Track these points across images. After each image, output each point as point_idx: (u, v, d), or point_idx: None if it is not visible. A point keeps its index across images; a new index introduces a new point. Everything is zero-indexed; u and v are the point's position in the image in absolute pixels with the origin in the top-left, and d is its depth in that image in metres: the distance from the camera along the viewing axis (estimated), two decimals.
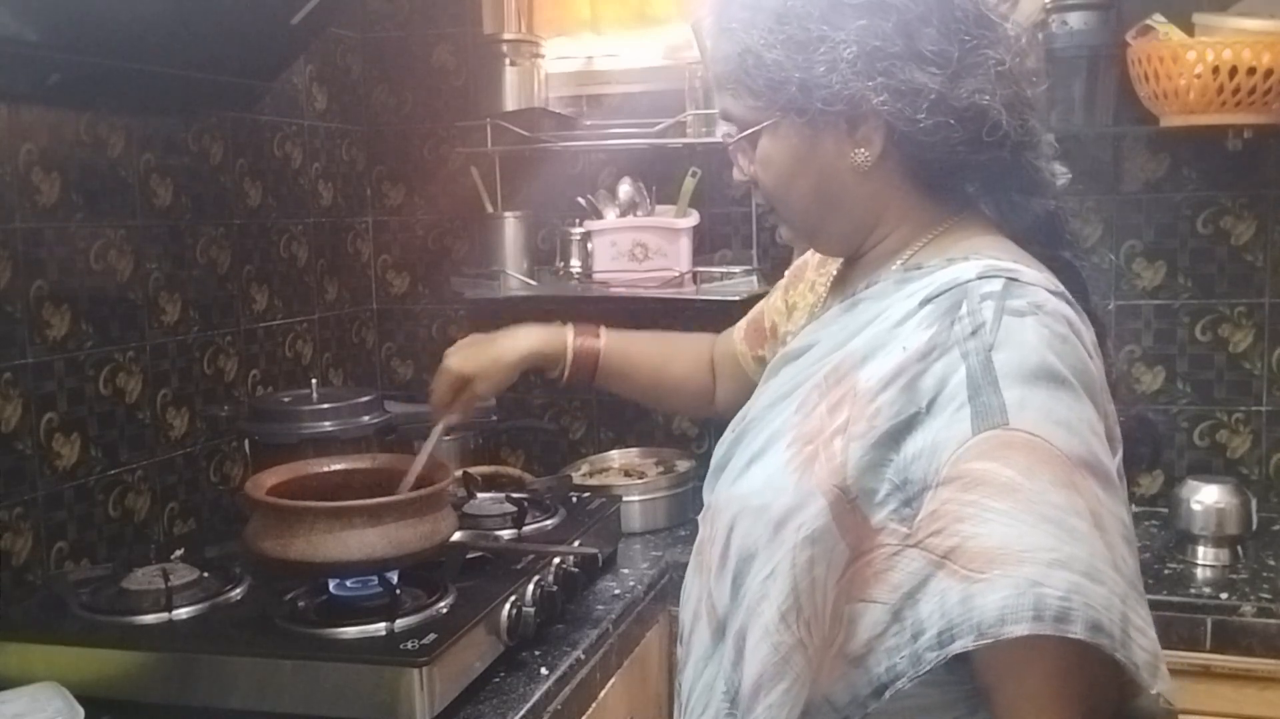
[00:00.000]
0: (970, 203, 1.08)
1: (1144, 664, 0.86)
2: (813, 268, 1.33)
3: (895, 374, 0.94)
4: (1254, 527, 1.95)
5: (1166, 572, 1.89)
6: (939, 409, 0.91)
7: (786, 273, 1.43)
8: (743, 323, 1.50)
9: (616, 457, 2.36)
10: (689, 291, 2.22)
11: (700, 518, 1.12)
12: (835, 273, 1.20)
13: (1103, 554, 0.85)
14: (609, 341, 1.53)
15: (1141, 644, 0.86)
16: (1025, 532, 0.84)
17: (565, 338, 1.52)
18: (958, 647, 0.84)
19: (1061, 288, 0.99)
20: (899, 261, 1.06)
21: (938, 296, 0.97)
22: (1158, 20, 1.99)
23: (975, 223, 1.07)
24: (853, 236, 1.09)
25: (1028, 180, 1.06)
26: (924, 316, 0.97)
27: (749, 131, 1.06)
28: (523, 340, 1.53)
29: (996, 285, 0.95)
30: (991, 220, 1.08)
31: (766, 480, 1.00)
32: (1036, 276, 0.98)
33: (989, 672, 0.91)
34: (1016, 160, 1.04)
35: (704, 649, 1.05)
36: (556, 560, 1.62)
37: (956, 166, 1.03)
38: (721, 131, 1.27)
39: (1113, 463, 0.93)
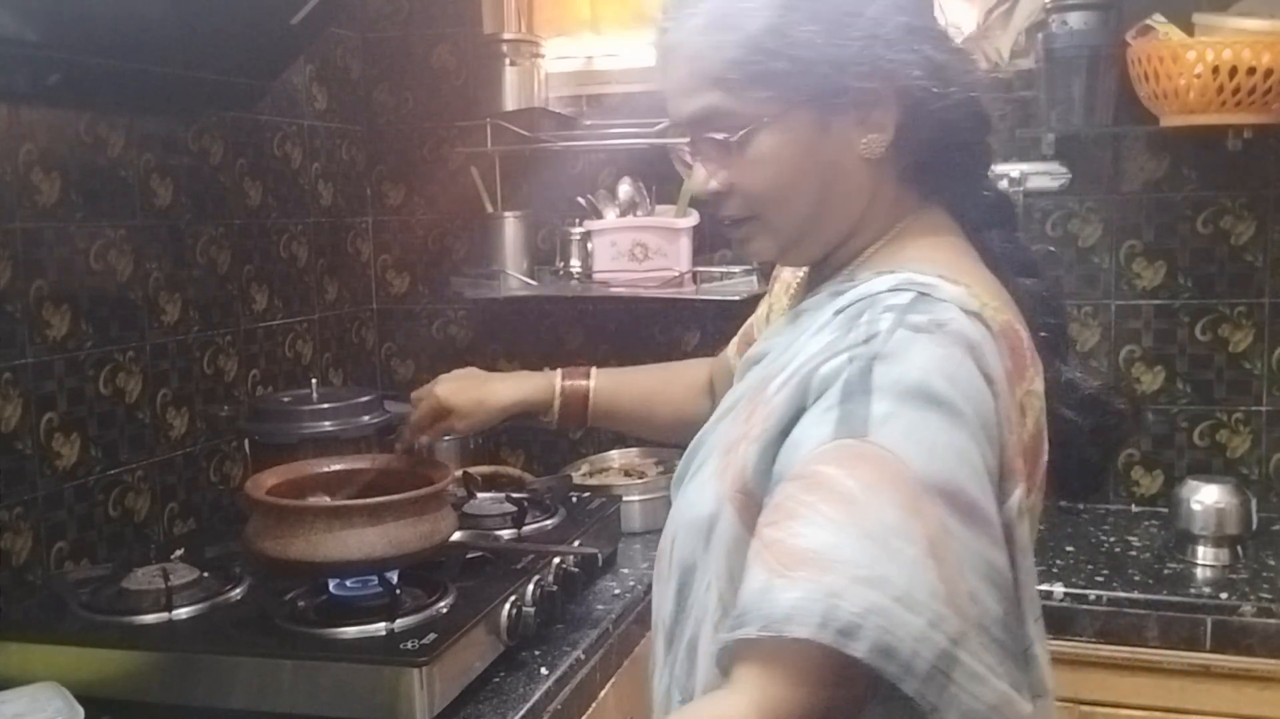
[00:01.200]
0: (935, 195, 1.05)
1: (968, 711, 0.81)
2: (789, 269, 1.30)
3: (790, 376, 0.93)
4: (1254, 526, 1.95)
5: (1166, 572, 1.89)
6: (814, 408, 0.89)
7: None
8: (735, 337, 1.48)
9: (616, 457, 2.35)
10: (689, 291, 2.22)
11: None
12: (804, 275, 1.17)
13: (929, 585, 0.80)
14: (599, 382, 1.51)
15: (974, 692, 0.81)
16: (845, 543, 0.81)
17: (553, 384, 1.51)
18: (741, 634, 0.82)
19: (984, 306, 0.93)
20: (846, 270, 1.03)
21: (849, 307, 0.95)
22: (1158, 20, 1.99)
23: (932, 219, 1.04)
24: (835, 239, 1.04)
25: (989, 163, 1.07)
26: (832, 325, 0.95)
27: (749, 128, 0.97)
28: (510, 390, 1.52)
29: (904, 299, 0.92)
30: (949, 213, 1.05)
31: (699, 491, 1.00)
32: (955, 293, 0.93)
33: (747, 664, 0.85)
34: (983, 138, 1.04)
35: (660, 658, 1.06)
36: (556, 560, 1.62)
37: (951, 148, 1.02)
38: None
39: (988, 498, 0.87)
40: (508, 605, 1.46)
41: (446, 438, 2.21)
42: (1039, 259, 1.07)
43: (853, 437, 0.85)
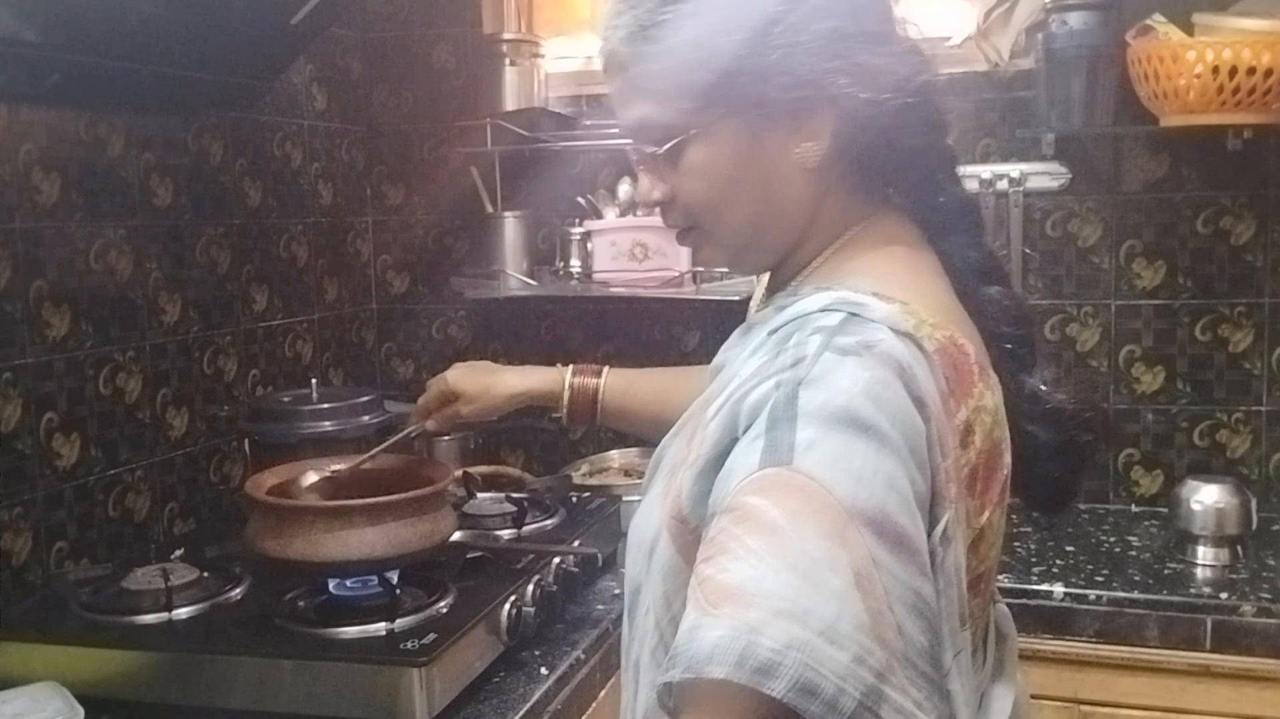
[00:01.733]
0: (885, 200, 1.02)
1: None
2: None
3: (724, 402, 0.90)
4: (1254, 526, 1.95)
5: (1166, 572, 1.89)
6: (744, 436, 0.86)
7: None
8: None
9: (616, 457, 2.36)
10: (689, 291, 2.22)
11: None
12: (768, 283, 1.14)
13: (855, 617, 0.76)
14: (611, 380, 1.50)
15: None
16: (767, 575, 0.77)
17: (562, 379, 1.51)
18: (670, 676, 0.77)
19: (919, 325, 0.90)
20: (795, 281, 1.01)
21: (782, 327, 0.92)
22: (1157, 20, 1.99)
23: (884, 227, 1.00)
24: (783, 248, 1.01)
25: (949, 167, 1.01)
26: (765, 347, 0.92)
27: (678, 140, 0.95)
28: (519, 380, 1.53)
29: (833, 319, 0.88)
30: (903, 220, 1.02)
31: (644, 513, 0.98)
32: (888, 312, 0.89)
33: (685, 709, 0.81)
34: (938, 142, 1.00)
35: (622, 676, 1.04)
36: (556, 560, 1.62)
37: (897, 153, 0.97)
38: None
39: (917, 526, 0.83)
40: (508, 605, 1.46)
41: (447, 438, 2.22)
42: (1003, 266, 1.04)
43: (778, 465, 0.81)
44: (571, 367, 1.52)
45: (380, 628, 1.36)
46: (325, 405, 1.83)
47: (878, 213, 1.00)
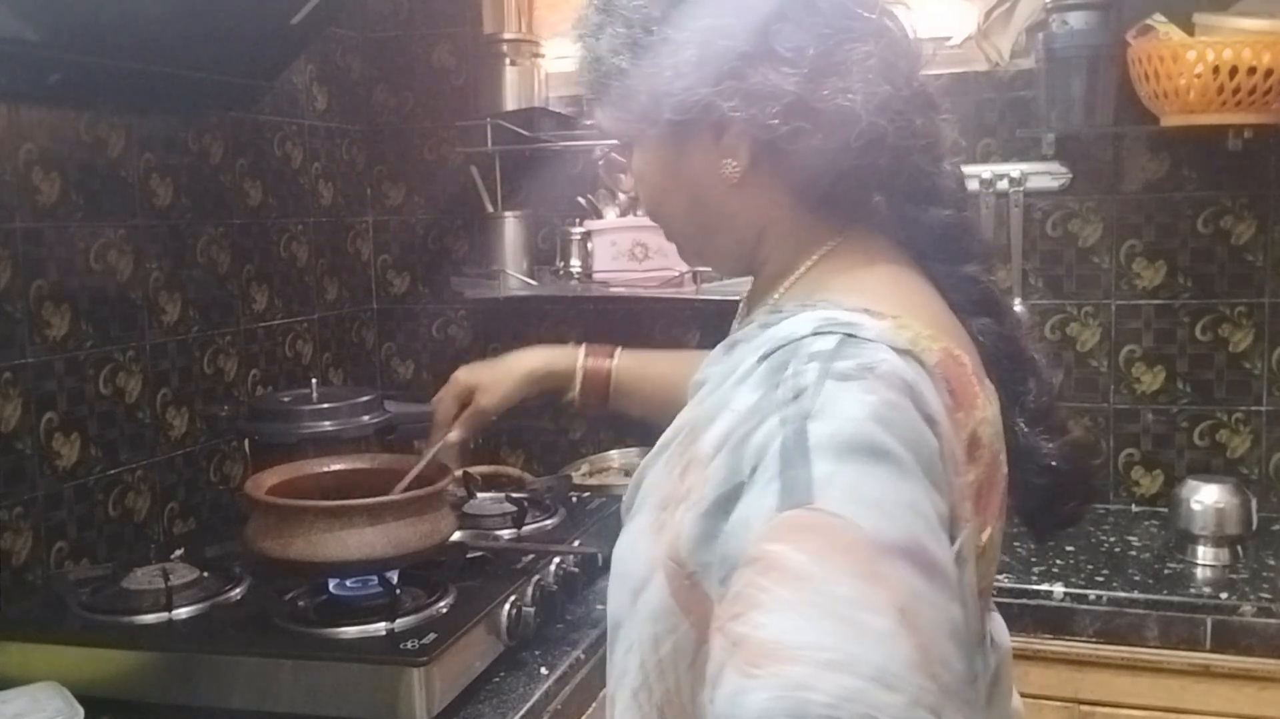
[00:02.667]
0: (864, 216, 0.99)
1: None
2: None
3: (723, 439, 0.85)
4: (1254, 526, 1.95)
5: (1166, 571, 1.89)
6: (755, 480, 0.81)
7: None
8: None
9: (616, 457, 2.36)
10: (689, 291, 2.22)
11: None
12: (747, 293, 1.12)
13: (905, 657, 0.72)
14: (623, 362, 1.48)
15: None
16: (805, 626, 0.72)
17: (575, 357, 1.49)
18: None
19: (915, 340, 0.87)
20: (773, 298, 0.98)
21: (773, 353, 0.88)
22: (1158, 20, 1.99)
23: (861, 245, 0.97)
24: (739, 256, 1.01)
25: (919, 188, 0.96)
26: (757, 376, 0.88)
27: (616, 144, 1.00)
28: (530, 357, 1.52)
29: (828, 344, 0.84)
30: (885, 237, 0.98)
31: (629, 545, 0.94)
32: (881, 329, 0.86)
33: None
34: (900, 166, 0.94)
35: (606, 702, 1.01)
36: (556, 560, 1.62)
37: (832, 176, 0.94)
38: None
39: (945, 549, 0.80)
40: (508, 605, 1.46)
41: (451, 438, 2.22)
42: (995, 293, 0.99)
43: (797, 506, 0.76)
44: (584, 346, 1.51)
45: (380, 628, 1.36)
46: (325, 405, 1.83)
47: (853, 230, 0.98)
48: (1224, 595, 1.77)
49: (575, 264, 2.31)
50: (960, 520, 0.84)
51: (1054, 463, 0.97)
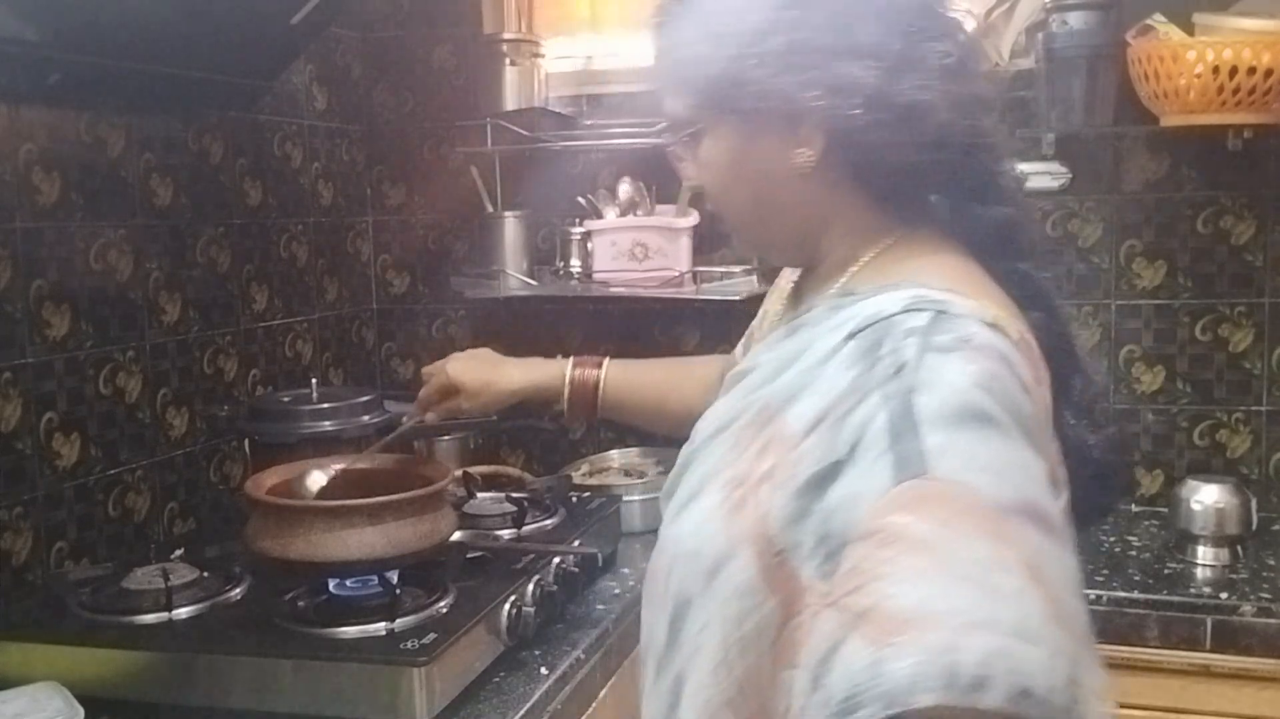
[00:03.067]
0: (923, 213, 1.01)
1: None
2: (786, 275, 1.25)
3: (819, 418, 0.88)
4: (1254, 526, 1.95)
5: (1166, 571, 1.89)
6: (859, 457, 0.83)
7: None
8: (743, 338, 1.47)
9: (616, 456, 2.35)
10: (689, 291, 2.22)
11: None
12: (795, 283, 1.14)
13: (1039, 612, 0.75)
14: (611, 372, 1.48)
15: (1096, 710, 0.76)
16: (941, 592, 0.75)
17: (563, 371, 1.49)
18: (862, 715, 0.75)
19: (1000, 315, 0.91)
20: (839, 283, 1.00)
21: (862, 331, 0.91)
22: (1158, 20, 1.99)
23: (924, 238, 1.00)
24: (801, 246, 1.03)
25: (981, 186, 0.99)
26: (847, 354, 0.90)
27: (688, 132, 1.01)
28: (520, 375, 1.51)
29: (922, 320, 0.88)
30: (944, 233, 1.01)
31: (699, 524, 0.95)
32: (970, 307, 0.90)
33: None
34: (967, 164, 0.97)
35: (649, 682, 1.02)
36: (556, 560, 1.62)
37: (903, 170, 0.96)
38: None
39: (1055, 505, 0.83)
40: (508, 605, 1.46)
41: (447, 438, 2.22)
42: (1048, 291, 1.01)
43: (915, 477, 0.79)
44: (572, 359, 1.51)
45: (380, 628, 1.36)
46: (325, 405, 1.83)
47: (915, 224, 1.00)
48: (1224, 595, 1.77)
49: (575, 264, 2.31)
50: (1059, 483, 0.87)
51: (1097, 454, 1.00)
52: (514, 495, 1.89)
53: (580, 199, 2.32)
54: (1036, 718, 0.72)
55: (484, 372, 1.52)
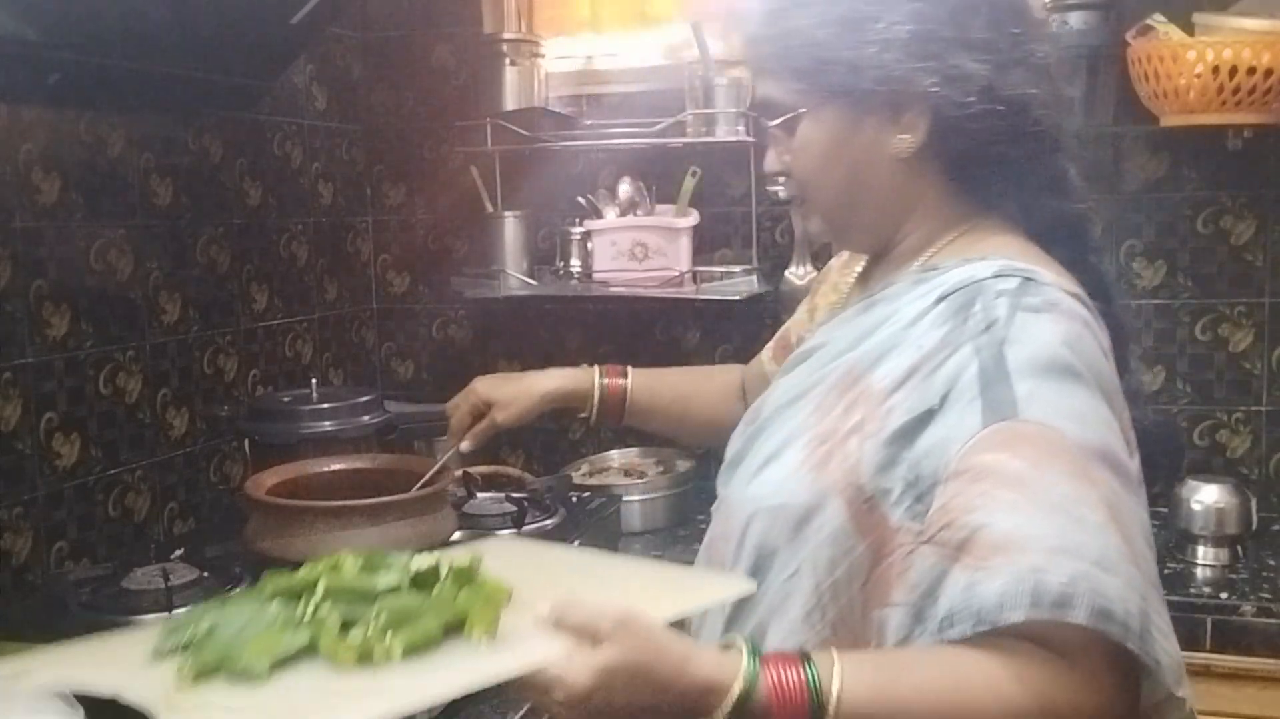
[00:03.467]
0: (995, 203, 1.07)
1: (1168, 667, 0.84)
2: (837, 270, 1.32)
3: (909, 372, 0.95)
4: (1254, 526, 1.95)
5: (1166, 571, 1.89)
6: (950, 404, 0.91)
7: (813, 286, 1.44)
8: (770, 343, 1.48)
9: (616, 456, 2.35)
10: (689, 291, 2.22)
11: (714, 510, 1.13)
12: (859, 272, 1.20)
13: (1117, 547, 0.84)
14: (636, 380, 1.50)
15: (1165, 648, 0.85)
16: (1030, 521, 0.83)
17: (592, 377, 1.50)
18: (954, 633, 0.84)
19: (1078, 290, 1.00)
20: (918, 262, 1.06)
21: (952, 294, 0.98)
22: (1158, 20, 1.99)
23: (996, 224, 1.06)
24: (881, 230, 1.09)
25: (1057, 182, 1.06)
26: (938, 314, 0.97)
27: (789, 115, 1.05)
28: (550, 379, 1.52)
29: (1012, 284, 0.96)
30: (1013, 220, 1.07)
31: (783, 481, 1.01)
32: (1053, 278, 0.98)
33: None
34: (1050, 159, 1.05)
35: (716, 638, 1.06)
36: None
37: (992, 160, 1.03)
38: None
39: (1131, 458, 0.92)
40: None
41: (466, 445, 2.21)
42: (1107, 282, 1.09)
43: (1005, 419, 0.88)
44: (598, 368, 1.51)
45: None
46: (325, 405, 1.83)
47: (987, 213, 1.06)
48: (1224, 595, 1.77)
49: (575, 264, 2.31)
50: (1132, 445, 0.96)
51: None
52: (514, 495, 1.89)
53: (580, 199, 2.32)
54: (1116, 637, 0.81)
55: (512, 383, 1.52)
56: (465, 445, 1.52)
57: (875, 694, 0.85)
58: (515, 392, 1.50)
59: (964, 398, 0.90)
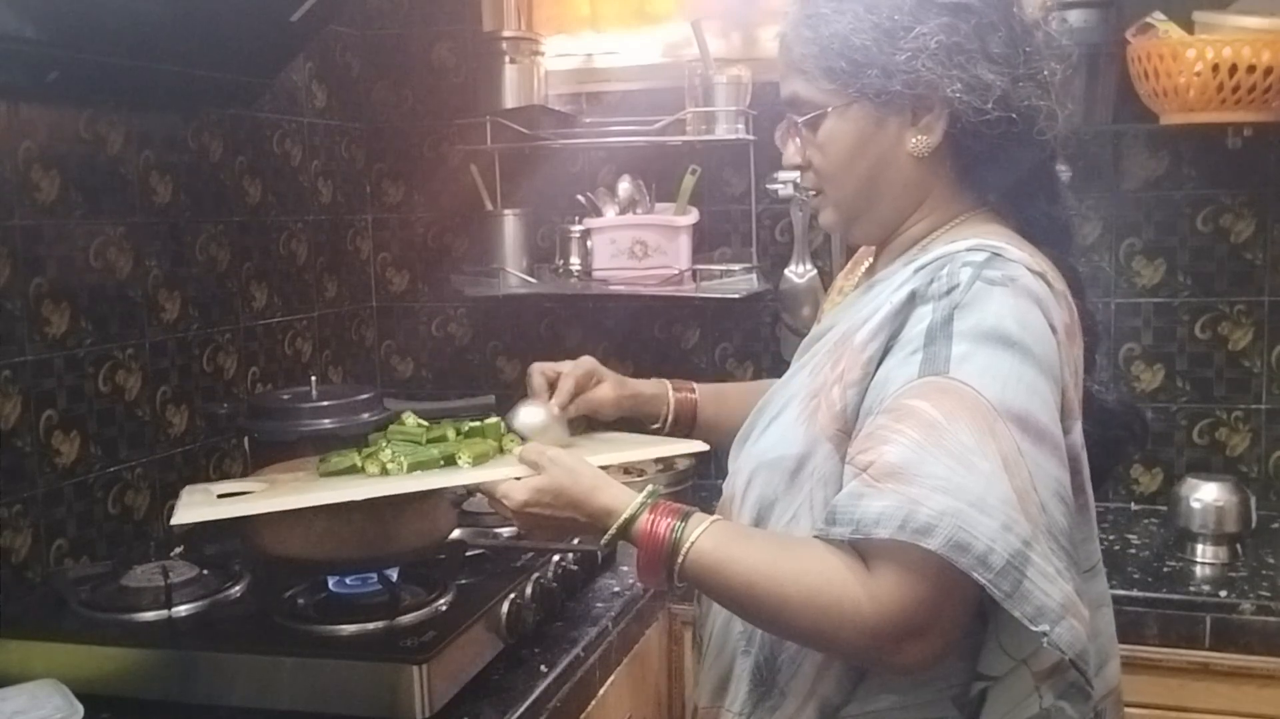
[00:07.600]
0: (993, 201, 1.17)
1: (1040, 606, 0.93)
2: (843, 275, 1.39)
3: (880, 325, 1.06)
4: (1253, 524, 1.95)
5: (1166, 569, 1.89)
6: (899, 349, 1.04)
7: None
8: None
9: None
10: (688, 289, 2.22)
11: (725, 484, 1.22)
12: (867, 266, 1.28)
13: (1002, 494, 0.94)
14: (704, 394, 1.53)
15: (1044, 589, 0.94)
16: (927, 460, 0.95)
17: (666, 389, 1.50)
18: (835, 533, 0.98)
19: (1045, 269, 1.08)
20: (916, 248, 1.15)
21: (928, 265, 1.08)
22: (1157, 18, 1.99)
23: (986, 216, 1.16)
24: (890, 222, 1.18)
25: (1050, 187, 1.18)
26: (911, 278, 1.07)
27: (816, 113, 1.14)
28: (634, 381, 1.51)
29: (979, 256, 1.06)
30: (1000, 213, 1.17)
31: (780, 436, 1.13)
32: (1021, 256, 1.07)
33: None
34: (1047, 167, 1.17)
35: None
36: (556, 558, 1.63)
37: (997, 163, 1.13)
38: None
39: (1057, 426, 1.01)
40: (507, 603, 1.46)
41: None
42: (1084, 282, 1.19)
43: (936, 374, 0.99)
44: (669, 381, 1.51)
45: (380, 625, 1.36)
46: (325, 403, 1.82)
47: (981, 210, 1.16)
48: (1223, 593, 1.77)
49: (575, 262, 2.31)
50: (1073, 413, 1.06)
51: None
52: None
53: (580, 197, 2.32)
54: (966, 567, 0.92)
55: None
56: (570, 408, 1.44)
57: (717, 547, 1.05)
58: (617, 378, 1.49)
59: (909, 347, 1.02)
